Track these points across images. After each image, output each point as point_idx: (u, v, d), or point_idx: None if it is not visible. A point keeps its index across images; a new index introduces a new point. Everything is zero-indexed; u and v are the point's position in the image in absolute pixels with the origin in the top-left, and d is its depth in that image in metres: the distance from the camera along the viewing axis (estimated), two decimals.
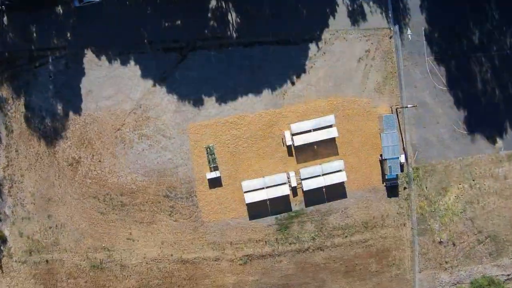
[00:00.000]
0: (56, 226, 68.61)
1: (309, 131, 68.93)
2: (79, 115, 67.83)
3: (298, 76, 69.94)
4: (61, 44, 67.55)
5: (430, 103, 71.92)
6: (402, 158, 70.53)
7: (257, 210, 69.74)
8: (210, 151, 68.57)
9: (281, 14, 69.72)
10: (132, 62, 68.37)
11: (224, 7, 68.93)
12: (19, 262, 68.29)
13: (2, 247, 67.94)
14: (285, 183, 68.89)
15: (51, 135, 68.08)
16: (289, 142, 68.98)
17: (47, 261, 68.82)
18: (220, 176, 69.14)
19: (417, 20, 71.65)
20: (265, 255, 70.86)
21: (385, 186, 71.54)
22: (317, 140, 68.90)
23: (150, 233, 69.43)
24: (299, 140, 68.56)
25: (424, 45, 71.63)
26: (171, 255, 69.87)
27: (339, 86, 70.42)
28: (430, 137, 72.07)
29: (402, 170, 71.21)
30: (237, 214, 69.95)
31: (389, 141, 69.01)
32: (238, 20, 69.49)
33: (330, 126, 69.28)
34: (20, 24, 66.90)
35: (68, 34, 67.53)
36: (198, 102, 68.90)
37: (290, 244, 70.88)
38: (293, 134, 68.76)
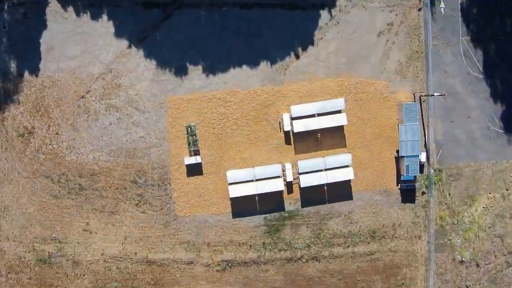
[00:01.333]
0: None
1: (313, 115, 61.59)
2: (36, 76, 60.58)
3: (304, 49, 62.35)
4: None
5: (462, 92, 64.20)
6: (423, 157, 63.51)
7: (242, 207, 62.38)
8: (191, 131, 60.86)
9: None
10: (104, 17, 60.67)
11: None
12: None
13: None
14: (279, 177, 61.53)
15: (0, 98, 60.28)
16: (287, 128, 61.77)
17: None
18: (201, 163, 61.73)
19: None
20: (249, 262, 63.31)
21: (399, 189, 64.63)
22: (321, 127, 61.67)
23: (111, 225, 62.02)
24: (300, 126, 61.15)
25: (459, 21, 63.76)
26: (135, 253, 62.32)
27: (353, 64, 62.86)
28: (459, 134, 64.61)
29: (421, 171, 64.17)
30: (218, 210, 62.48)
31: (408, 135, 61.81)
32: None
33: (339, 112, 61.89)
34: None
35: None
36: (181, 71, 61.23)
37: (279, 250, 63.52)
38: (293, 118, 61.39)
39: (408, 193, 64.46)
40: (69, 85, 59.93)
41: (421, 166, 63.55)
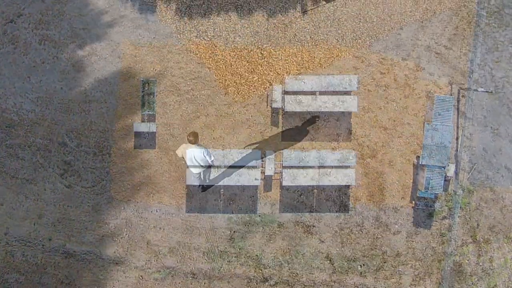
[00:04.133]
0: None
1: (313, 93, 49.03)
2: None
3: (316, 1, 48.44)
4: None
5: None
6: (451, 170, 50.14)
7: (201, 200, 48.82)
8: (148, 89, 47.95)
9: None
10: None
11: None
12: None
13: None
14: (255, 167, 48.71)
15: None
16: (277, 104, 49.03)
17: None
18: (155, 132, 48.47)
19: None
20: (197, 274, 49.17)
21: (413, 207, 51.36)
22: (322, 110, 49.00)
23: (24, 196, 48.03)
24: (294, 104, 49.05)
25: None
26: (49, 239, 48.39)
27: (377, 33, 48.87)
28: (503, 147, 51.27)
29: (446, 189, 50.93)
30: (168, 199, 49.09)
31: (435, 138, 49.38)
32: None
33: (349, 93, 49.55)
34: None
35: None
36: (147, 7, 47.15)
37: (241, 265, 49.61)
38: (286, 92, 48.97)
39: (423, 215, 51.01)
40: None
41: (447, 181, 50.38)
